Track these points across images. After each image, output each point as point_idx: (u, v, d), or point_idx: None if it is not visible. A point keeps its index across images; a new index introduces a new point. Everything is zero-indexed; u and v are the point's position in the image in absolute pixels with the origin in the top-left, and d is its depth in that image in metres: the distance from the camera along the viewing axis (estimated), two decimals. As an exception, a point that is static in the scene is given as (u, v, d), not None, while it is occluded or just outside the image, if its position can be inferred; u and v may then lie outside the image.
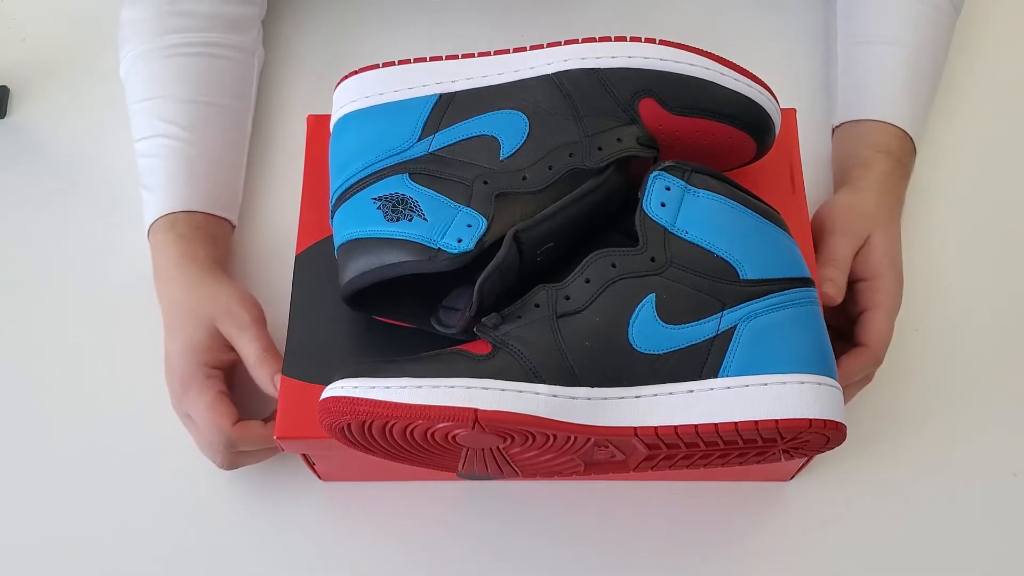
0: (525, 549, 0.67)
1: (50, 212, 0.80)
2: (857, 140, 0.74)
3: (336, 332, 0.62)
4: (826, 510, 0.68)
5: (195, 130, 0.74)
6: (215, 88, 0.76)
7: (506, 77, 0.60)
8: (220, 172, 0.75)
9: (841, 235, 0.67)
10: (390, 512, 0.68)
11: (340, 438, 0.54)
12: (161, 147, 0.73)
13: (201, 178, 0.73)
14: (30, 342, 0.75)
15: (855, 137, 0.74)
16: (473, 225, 0.56)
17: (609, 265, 0.54)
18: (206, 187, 0.73)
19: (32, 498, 0.70)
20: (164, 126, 0.73)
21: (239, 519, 0.68)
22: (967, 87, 0.82)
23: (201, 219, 0.72)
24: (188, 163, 0.73)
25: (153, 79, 0.75)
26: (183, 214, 0.71)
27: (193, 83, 0.75)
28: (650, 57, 0.58)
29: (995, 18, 0.86)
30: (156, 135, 0.73)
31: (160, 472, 0.70)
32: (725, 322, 0.53)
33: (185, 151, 0.73)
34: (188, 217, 0.71)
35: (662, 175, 0.55)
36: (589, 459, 0.55)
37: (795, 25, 0.85)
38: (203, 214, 0.72)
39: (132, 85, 0.76)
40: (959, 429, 0.70)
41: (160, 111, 0.74)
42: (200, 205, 0.72)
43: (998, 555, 0.66)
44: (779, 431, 0.51)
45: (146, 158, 0.74)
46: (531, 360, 0.51)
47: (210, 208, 0.72)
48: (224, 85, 0.77)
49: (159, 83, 0.75)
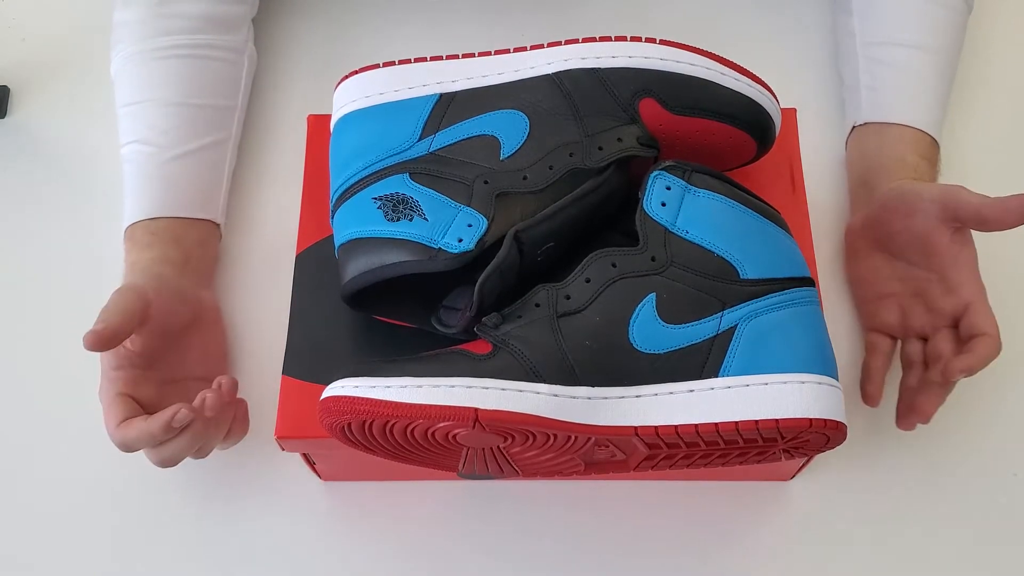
0: (525, 549, 0.67)
1: (50, 212, 0.80)
2: (894, 143, 0.73)
3: (336, 332, 0.62)
4: (826, 510, 0.68)
5: (173, 133, 0.73)
6: (203, 89, 0.76)
7: (506, 77, 0.60)
8: (200, 173, 0.74)
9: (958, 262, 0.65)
10: (390, 512, 0.68)
11: (341, 438, 0.54)
12: (136, 153, 0.73)
13: (171, 183, 0.73)
14: (30, 342, 0.75)
15: (890, 140, 0.73)
16: (473, 225, 0.56)
17: (609, 265, 0.54)
18: (176, 192, 0.72)
19: (32, 498, 0.70)
20: (144, 131, 0.73)
21: (239, 519, 0.68)
22: (972, 86, 0.82)
23: (165, 224, 0.71)
24: (158, 169, 0.73)
25: (140, 82, 0.75)
26: (144, 222, 0.71)
27: (180, 85, 0.75)
28: (650, 57, 0.58)
29: (1002, 17, 0.86)
30: (134, 141, 0.74)
31: (160, 472, 0.70)
32: (725, 322, 0.53)
33: (157, 157, 0.73)
34: (148, 224, 0.71)
35: (662, 175, 0.55)
36: (589, 459, 0.55)
37: (795, 25, 0.85)
38: (168, 219, 0.71)
39: (120, 87, 0.76)
40: (959, 429, 0.70)
41: (142, 115, 0.74)
42: (165, 211, 0.71)
43: (998, 555, 0.66)
44: (779, 431, 0.51)
45: (124, 163, 0.74)
46: (532, 360, 0.51)
47: (178, 211, 0.72)
48: (213, 86, 0.77)
49: (146, 86, 0.75)
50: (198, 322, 0.69)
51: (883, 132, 0.74)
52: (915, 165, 0.72)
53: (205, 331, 0.70)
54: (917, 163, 0.72)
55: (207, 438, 0.63)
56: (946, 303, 0.65)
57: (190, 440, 0.62)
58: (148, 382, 0.65)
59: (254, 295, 0.74)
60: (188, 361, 0.68)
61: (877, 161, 0.73)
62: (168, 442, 0.61)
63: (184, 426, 0.60)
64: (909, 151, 0.72)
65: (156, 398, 0.64)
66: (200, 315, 0.69)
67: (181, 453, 0.62)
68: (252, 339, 0.72)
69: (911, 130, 0.73)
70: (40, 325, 0.76)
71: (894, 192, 0.68)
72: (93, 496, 0.69)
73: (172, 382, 0.66)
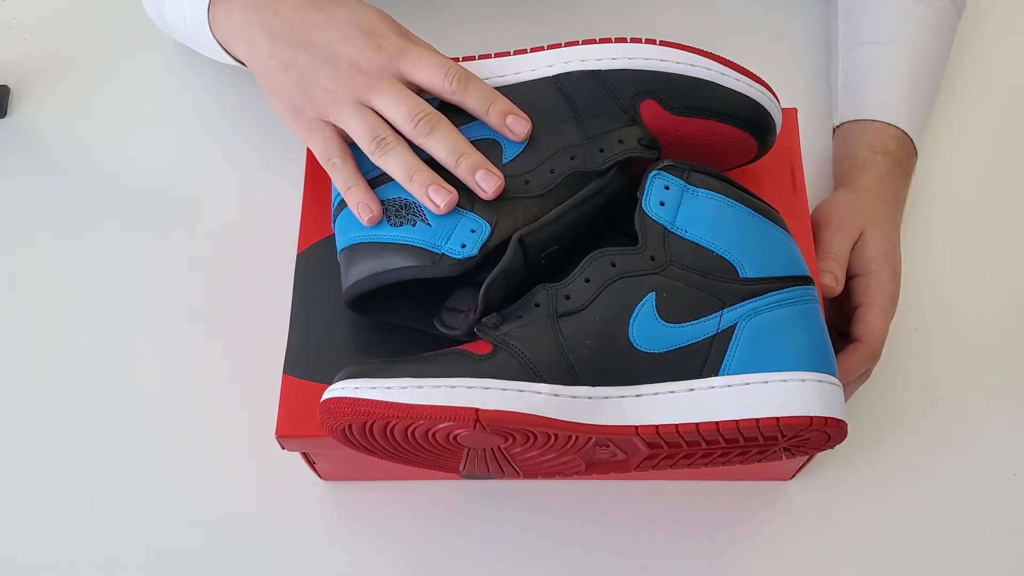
0: (525, 549, 0.67)
1: (50, 212, 0.80)
2: (856, 140, 0.74)
3: (337, 331, 0.62)
4: (826, 510, 0.68)
5: None
6: None
7: (507, 79, 0.60)
8: None
9: (838, 230, 0.68)
10: (390, 512, 0.68)
11: (341, 439, 0.54)
12: None
13: None
14: (30, 342, 0.75)
15: (855, 137, 0.74)
16: (477, 230, 0.56)
17: (609, 264, 0.54)
18: None
19: (32, 498, 0.70)
20: None
21: (239, 518, 0.68)
22: (968, 87, 0.82)
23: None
24: None
25: None
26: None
27: None
28: (651, 58, 0.58)
29: (996, 19, 0.86)
30: None
31: (160, 472, 0.70)
32: (725, 320, 0.53)
33: None
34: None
35: (661, 174, 0.56)
36: (590, 459, 0.56)
37: (795, 25, 0.85)
38: None
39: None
40: (959, 429, 0.70)
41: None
42: None
43: (998, 555, 0.66)
44: (780, 429, 0.51)
45: None
46: (532, 360, 0.51)
47: None
48: None
49: None
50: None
51: (851, 131, 0.75)
52: (865, 161, 0.72)
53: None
54: (869, 158, 0.72)
55: None
56: (848, 304, 0.68)
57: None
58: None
59: (254, 295, 0.74)
60: None
61: (842, 164, 0.75)
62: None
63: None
64: (864, 147, 0.73)
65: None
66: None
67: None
68: (252, 339, 0.72)
69: (874, 125, 0.74)
70: (40, 325, 0.76)
71: (821, 204, 0.71)
72: (93, 496, 0.69)
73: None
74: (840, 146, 0.76)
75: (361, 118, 0.58)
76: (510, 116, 0.58)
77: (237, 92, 0.83)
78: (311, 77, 0.59)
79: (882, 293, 0.67)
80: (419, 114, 0.57)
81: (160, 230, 0.78)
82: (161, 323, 0.75)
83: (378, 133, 0.57)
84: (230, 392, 0.71)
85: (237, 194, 0.79)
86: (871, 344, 0.65)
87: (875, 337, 0.66)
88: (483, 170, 0.56)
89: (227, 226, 0.77)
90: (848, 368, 0.65)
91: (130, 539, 0.68)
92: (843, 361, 0.64)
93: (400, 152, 0.57)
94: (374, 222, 0.57)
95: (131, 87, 0.85)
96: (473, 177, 0.56)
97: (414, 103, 0.58)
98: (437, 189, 0.56)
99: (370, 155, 0.58)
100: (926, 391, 0.71)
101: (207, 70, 0.84)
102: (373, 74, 0.58)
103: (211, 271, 0.76)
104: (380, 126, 0.58)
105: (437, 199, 0.56)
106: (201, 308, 0.75)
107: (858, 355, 0.65)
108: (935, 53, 0.77)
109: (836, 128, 0.77)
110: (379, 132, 0.58)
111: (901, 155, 0.73)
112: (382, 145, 0.57)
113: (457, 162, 0.57)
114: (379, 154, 0.57)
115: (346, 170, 0.58)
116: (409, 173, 0.57)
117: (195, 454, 0.70)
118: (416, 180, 0.56)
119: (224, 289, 0.75)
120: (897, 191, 0.73)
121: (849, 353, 0.65)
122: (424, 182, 0.56)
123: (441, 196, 0.56)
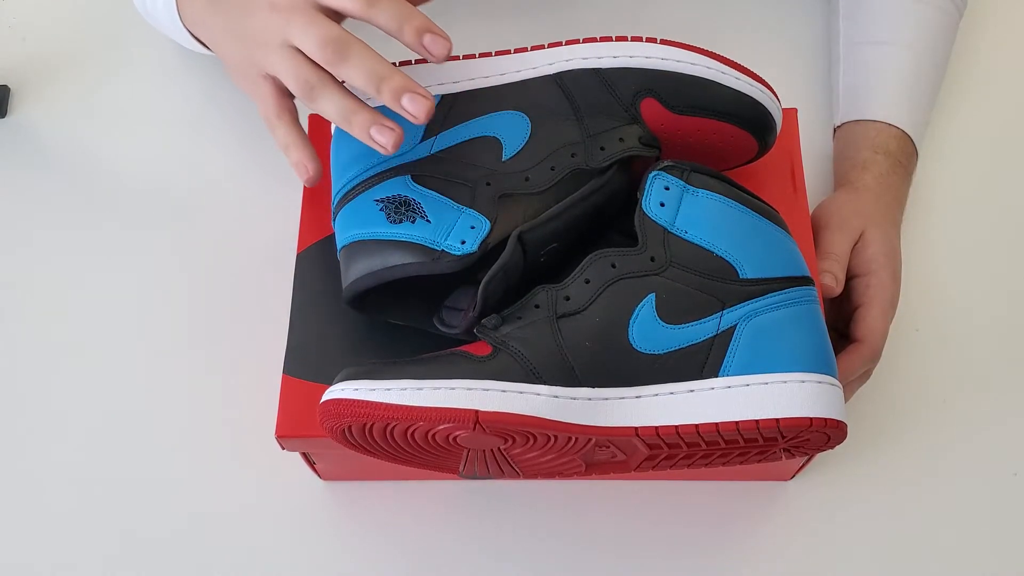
0: (525, 549, 0.67)
1: (50, 212, 0.80)
2: (857, 141, 0.74)
3: (336, 331, 0.62)
4: (826, 510, 0.68)
5: None
6: None
7: (507, 78, 0.60)
8: None
9: (838, 230, 0.68)
10: (390, 512, 0.68)
11: (341, 440, 0.54)
12: None
13: None
14: (30, 342, 0.75)
15: (855, 138, 0.74)
16: (476, 227, 0.56)
17: (609, 265, 0.54)
18: None
19: (32, 498, 0.70)
20: None
21: (239, 518, 0.68)
22: (968, 87, 0.82)
23: None
24: None
25: None
26: None
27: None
28: (651, 56, 0.58)
29: (997, 19, 0.86)
30: None
31: (160, 472, 0.70)
32: (725, 321, 0.53)
33: None
34: None
35: (661, 175, 0.55)
36: (590, 459, 0.56)
37: (796, 25, 0.85)
38: None
39: None
40: (959, 429, 0.70)
41: None
42: None
43: (998, 555, 0.66)
44: (780, 430, 0.51)
45: None
46: (532, 361, 0.51)
47: None
48: None
49: None
50: None
51: (851, 131, 0.75)
52: (865, 161, 0.72)
53: None
54: (869, 158, 0.72)
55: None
56: (848, 305, 0.68)
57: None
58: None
59: (254, 295, 0.74)
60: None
61: (843, 165, 0.75)
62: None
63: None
64: (864, 147, 0.73)
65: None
66: None
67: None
68: (252, 339, 0.72)
69: (875, 125, 0.74)
70: (40, 325, 0.76)
71: (821, 204, 0.71)
72: (92, 495, 0.69)
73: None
74: (840, 146, 0.76)
75: (287, 62, 0.52)
76: (427, 35, 0.52)
77: (237, 91, 0.82)
78: (241, 30, 0.55)
79: (882, 293, 0.67)
80: (326, 39, 0.50)
81: (160, 230, 0.78)
82: (161, 323, 0.75)
83: (304, 76, 0.52)
84: (230, 392, 0.71)
85: (237, 194, 0.79)
86: (871, 344, 0.65)
87: (875, 337, 0.66)
88: (409, 93, 0.50)
89: (227, 226, 0.77)
90: (848, 369, 0.65)
91: (130, 539, 0.68)
92: (843, 361, 0.64)
93: (331, 94, 0.51)
94: (312, 183, 0.53)
95: (131, 87, 0.85)
96: (399, 103, 0.50)
97: (323, 29, 0.51)
98: (380, 129, 0.51)
99: (306, 104, 0.52)
100: (926, 391, 0.71)
101: (207, 70, 0.84)
102: (286, 8, 0.53)
103: (211, 271, 0.76)
104: (305, 67, 0.52)
105: (382, 139, 0.50)
106: (201, 308, 0.75)
107: (858, 355, 0.65)
108: (936, 53, 0.77)
109: (836, 128, 0.77)
110: (305, 75, 0.52)
111: (902, 155, 0.73)
112: (311, 90, 0.52)
113: (379, 89, 0.50)
114: (310, 100, 0.52)
115: (281, 128, 0.54)
116: (347, 117, 0.51)
117: (195, 454, 0.70)
118: (355, 123, 0.51)
119: (224, 289, 0.75)
120: (897, 191, 0.73)
121: (849, 353, 0.65)
122: (364, 124, 0.50)
123: (386, 136, 0.50)
